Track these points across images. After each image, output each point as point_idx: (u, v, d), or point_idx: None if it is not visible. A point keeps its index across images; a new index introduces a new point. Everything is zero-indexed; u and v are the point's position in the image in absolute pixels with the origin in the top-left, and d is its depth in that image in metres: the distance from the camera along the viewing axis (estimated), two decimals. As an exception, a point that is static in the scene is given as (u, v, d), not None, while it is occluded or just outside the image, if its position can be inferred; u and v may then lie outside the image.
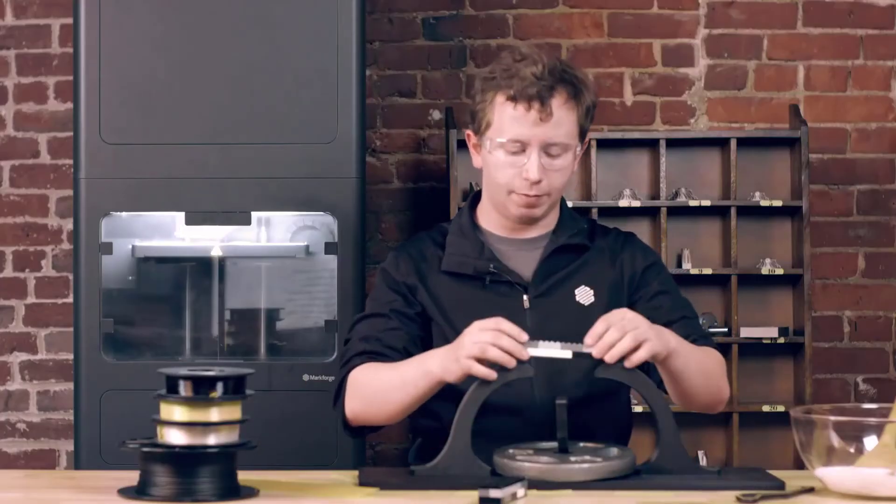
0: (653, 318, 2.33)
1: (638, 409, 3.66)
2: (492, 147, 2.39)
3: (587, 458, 2.13)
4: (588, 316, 2.37)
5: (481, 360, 2.13)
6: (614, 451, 2.18)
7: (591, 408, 2.37)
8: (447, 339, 2.35)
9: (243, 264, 3.64)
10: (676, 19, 4.38)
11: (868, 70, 4.37)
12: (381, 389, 2.32)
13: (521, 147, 2.36)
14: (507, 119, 2.36)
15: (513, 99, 2.36)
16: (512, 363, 2.12)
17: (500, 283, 2.41)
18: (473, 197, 2.54)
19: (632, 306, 2.39)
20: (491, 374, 2.13)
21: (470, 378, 2.16)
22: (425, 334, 2.42)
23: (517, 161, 2.37)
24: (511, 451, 2.16)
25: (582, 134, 2.41)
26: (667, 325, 2.34)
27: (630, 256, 2.49)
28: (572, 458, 2.12)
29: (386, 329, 2.40)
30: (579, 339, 2.22)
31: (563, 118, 2.36)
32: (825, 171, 4.36)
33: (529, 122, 2.35)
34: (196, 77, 3.43)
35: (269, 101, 3.44)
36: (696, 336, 2.41)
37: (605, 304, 2.40)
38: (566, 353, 2.14)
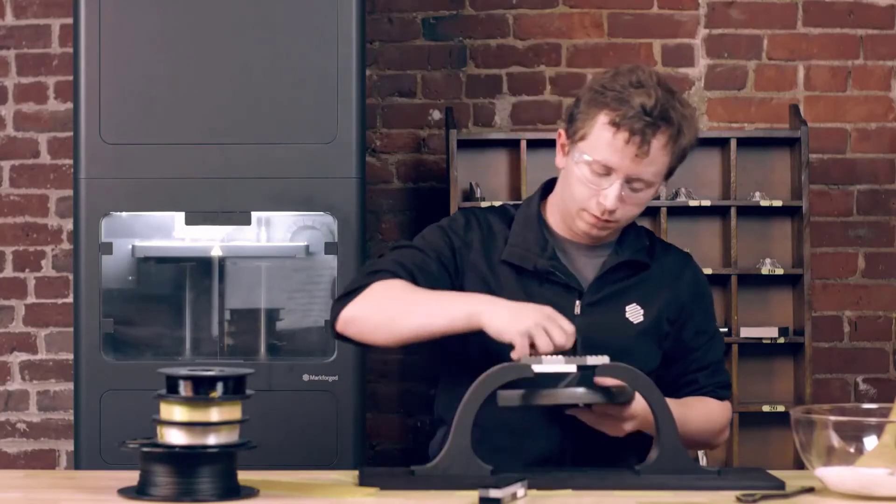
0: (685, 355, 2.42)
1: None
2: (579, 159, 2.33)
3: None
4: (634, 333, 2.39)
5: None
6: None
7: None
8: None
9: (243, 264, 3.64)
10: (676, 19, 4.38)
11: (868, 70, 4.37)
12: (406, 303, 2.28)
13: (607, 171, 2.31)
14: (603, 141, 2.30)
15: (615, 125, 2.28)
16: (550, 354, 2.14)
17: (556, 285, 2.38)
18: (545, 186, 2.50)
19: (672, 329, 2.43)
20: (526, 351, 2.14)
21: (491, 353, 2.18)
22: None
23: (599, 183, 2.32)
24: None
25: (669, 174, 2.38)
26: (696, 370, 2.41)
27: (687, 284, 2.48)
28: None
29: (424, 268, 2.36)
30: (620, 354, 2.24)
31: (657, 159, 2.31)
32: (825, 171, 4.36)
33: (624, 154, 2.29)
34: (196, 77, 3.44)
35: (269, 101, 3.44)
36: (715, 387, 2.43)
37: (653, 325, 2.41)
38: (570, 368, 2.13)
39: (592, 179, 2.32)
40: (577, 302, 2.38)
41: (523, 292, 2.37)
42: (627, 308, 2.41)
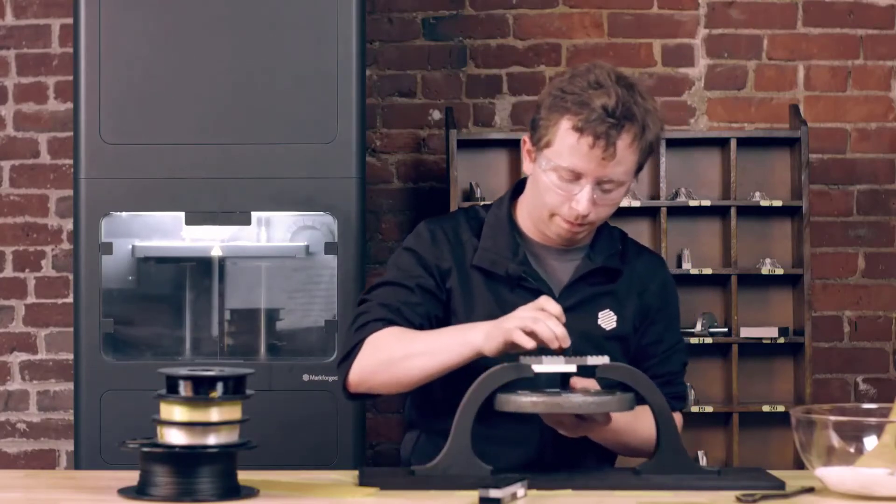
0: (640, 361, 2.39)
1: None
2: (546, 167, 2.32)
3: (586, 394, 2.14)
4: (606, 340, 2.38)
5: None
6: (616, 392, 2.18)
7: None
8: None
9: (243, 264, 3.64)
10: (676, 19, 4.38)
11: (868, 70, 4.37)
12: (406, 353, 2.28)
13: (576, 177, 2.29)
14: (567, 147, 2.29)
15: (578, 130, 2.27)
16: (555, 343, 2.11)
17: (528, 290, 2.37)
18: (515, 188, 2.49)
19: (634, 332, 2.42)
20: (531, 343, 2.12)
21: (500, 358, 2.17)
22: (444, 317, 2.38)
23: (569, 189, 2.30)
24: (518, 391, 2.15)
25: (638, 170, 2.37)
26: (651, 378, 2.27)
27: (655, 291, 2.46)
28: (572, 394, 2.13)
29: (407, 301, 2.35)
30: None
31: (625, 158, 2.30)
32: (825, 171, 4.36)
33: (591, 158, 2.27)
34: (196, 77, 3.44)
35: (269, 101, 3.44)
36: (669, 397, 2.31)
37: (624, 331, 2.41)
38: (571, 368, 2.12)
39: (562, 185, 2.31)
40: None
41: (494, 297, 2.37)
42: (600, 314, 2.40)
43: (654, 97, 2.37)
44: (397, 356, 2.29)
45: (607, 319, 2.41)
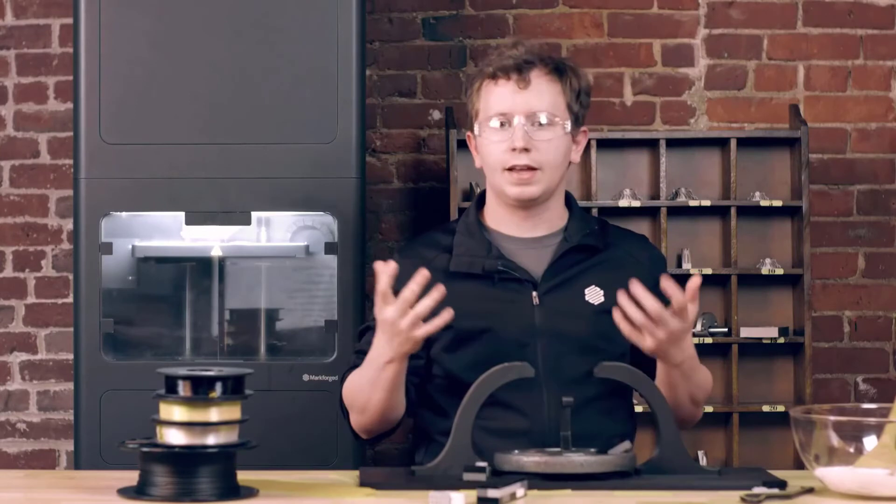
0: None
1: (638, 409, 3.65)
2: (481, 130, 2.42)
3: (586, 454, 2.12)
4: (596, 315, 2.39)
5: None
6: (616, 450, 2.17)
7: (597, 407, 2.37)
8: (451, 340, 2.35)
9: (243, 264, 3.64)
10: (676, 19, 4.38)
11: (868, 70, 4.37)
12: (362, 396, 2.34)
13: (507, 119, 2.39)
14: (491, 98, 2.41)
15: (493, 76, 2.41)
16: (414, 286, 2.15)
17: (510, 281, 2.40)
18: (479, 197, 2.53)
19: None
20: (383, 281, 2.17)
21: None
22: (426, 341, 2.37)
23: (505, 136, 2.39)
24: (515, 451, 2.15)
25: (573, 114, 2.43)
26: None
27: (651, 263, 2.50)
28: (571, 454, 2.12)
29: None
30: (587, 337, 2.30)
31: (544, 89, 2.40)
32: (825, 171, 4.36)
33: (508, 92, 2.39)
34: (196, 77, 3.44)
35: (269, 101, 3.44)
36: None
37: (614, 306, 2.40)
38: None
39: (499, 136, 2.40)
40: (534, 293, 2.39)
41: (480, 297, 2.39)
42: (587, 291, 2.42)
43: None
44: (360, 401, 2.35)
45: (594, 295, 2.42)
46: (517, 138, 2.37)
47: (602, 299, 2.41)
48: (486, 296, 2.39)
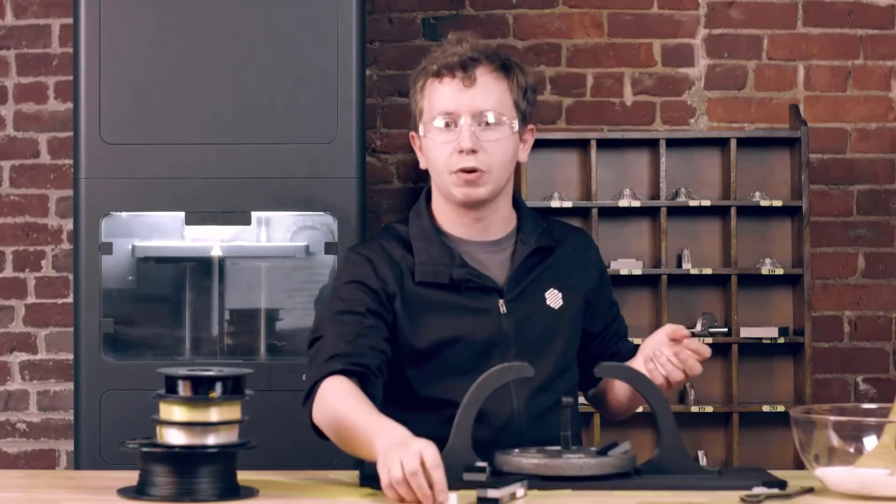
0: (604, 329, 2.48)
1: (638, 409, 3.66)
2: (426, 131, 2.37)
3: (586, 454, 2.13)
4: (557, 319, 2.39)
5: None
6: (616, 451, 2.18)
7: (553, 414, 2.34)
8: (413, 347, 2.33)
9: (243, 264, 3.64)
10: (676, 19, 4.38)
11: (868, 70, 4.38)
12: (339, 422, 2.20)
13: (453, 120, 2.34)
14: (435, 97, 2.35)
15: (437, 74, 2.35)
16: (429, 502, 1.94)
17: (476, 290, 2.36)
18: (426, 196, 2.49)
19: (588, 306, 2.45)
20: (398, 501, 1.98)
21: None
22: (393, 338, 2.35)
23: (450, 137, 2.33)
24: (516, 451, 2.16)
25: (520, 112, 2.38)
26: (617, 341, 2.48)
27: (594, 260, 2.51)
28: (572, 455, 2.12)
29: (363, 327, 2.31)
30: (550, 340, 2.32)
31: (490, 86, 2.34)
32: (825, 171, 4.36)
33: (453, 91, 2.33)
34: (196, 77, 3.44)
35: (268, 101, 3.44)
36: (634, 352, 2.46)
37: (572, 307, 2.42)
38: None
39: (444, 137, 2.34)
40: (501, 301, 2.37)
41: (446, 306, 2.35)
42: (547, 295, 2.41)
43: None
44: (334, 423, 2.22)
45: (554, 298, 2.42)
46: (464, 140, 2.31)
47: (561, 302, 2.41)
48: (454, 305, 2.35)
